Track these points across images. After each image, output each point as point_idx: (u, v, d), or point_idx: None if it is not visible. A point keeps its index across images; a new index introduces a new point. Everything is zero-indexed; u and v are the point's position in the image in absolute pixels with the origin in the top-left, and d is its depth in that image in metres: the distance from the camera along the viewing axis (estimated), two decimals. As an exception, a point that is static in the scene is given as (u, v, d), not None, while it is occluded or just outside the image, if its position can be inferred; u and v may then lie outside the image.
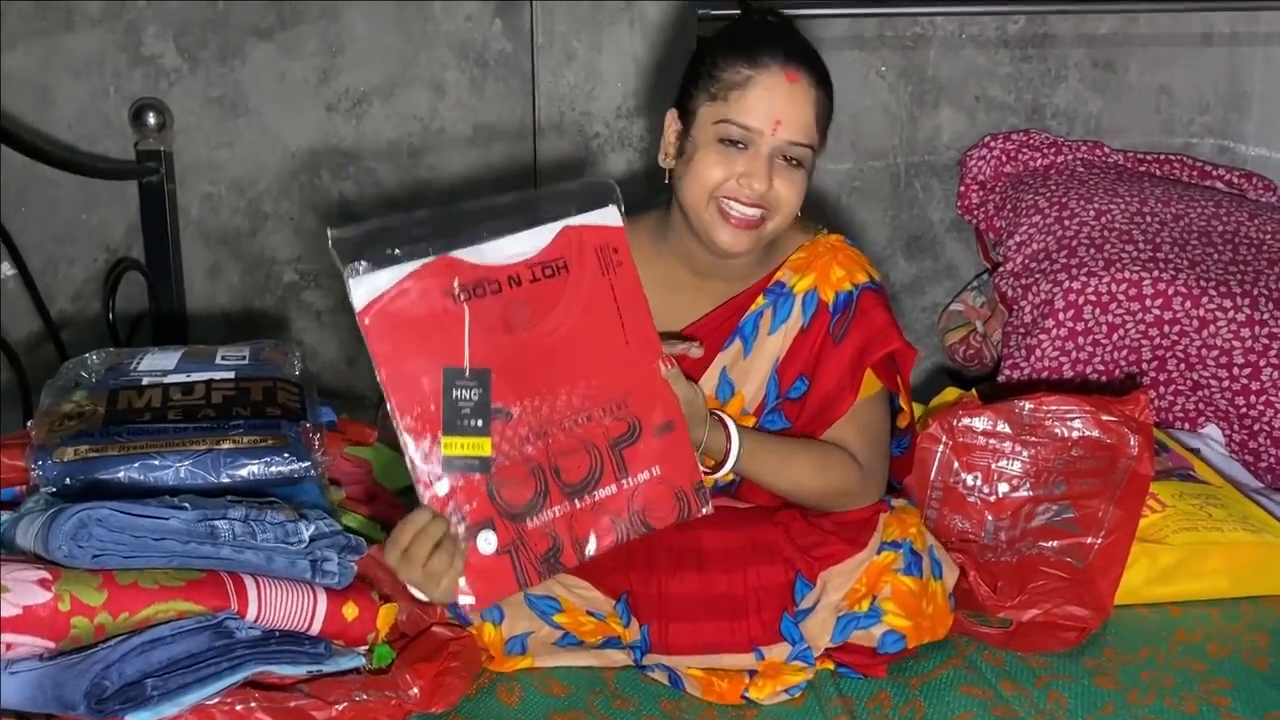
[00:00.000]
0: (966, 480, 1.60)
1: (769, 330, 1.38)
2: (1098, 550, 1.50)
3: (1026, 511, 1.57)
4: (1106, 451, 1.57)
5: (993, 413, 1.62)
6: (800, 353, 1.38)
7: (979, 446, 1.60)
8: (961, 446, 1.60)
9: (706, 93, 1.28)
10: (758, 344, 1.38)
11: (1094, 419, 1.59)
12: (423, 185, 2.30)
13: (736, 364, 1.38)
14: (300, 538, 1.19)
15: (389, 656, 1.23)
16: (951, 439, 1.61)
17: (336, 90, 2.26)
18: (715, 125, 1.27)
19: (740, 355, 1.38)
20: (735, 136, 1.27)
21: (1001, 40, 2.23)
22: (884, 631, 1.33)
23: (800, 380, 1.38)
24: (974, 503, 1.59)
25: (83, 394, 1.47)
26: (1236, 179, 2.20)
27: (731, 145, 1.27)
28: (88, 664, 1.04)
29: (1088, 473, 1.56)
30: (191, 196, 2.29)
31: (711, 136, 1.28)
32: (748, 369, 1.38)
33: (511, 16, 2.22)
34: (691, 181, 1.30)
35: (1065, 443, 1.60)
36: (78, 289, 2.32)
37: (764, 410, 1.39)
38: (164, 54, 2.24)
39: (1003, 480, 1.59)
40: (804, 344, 1.38)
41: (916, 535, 1.37)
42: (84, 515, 1.09)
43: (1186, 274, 1.91)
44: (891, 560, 1.35)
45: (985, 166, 2.21)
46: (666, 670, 1.31)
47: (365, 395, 2.38)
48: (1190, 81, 2.25)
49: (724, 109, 1.27)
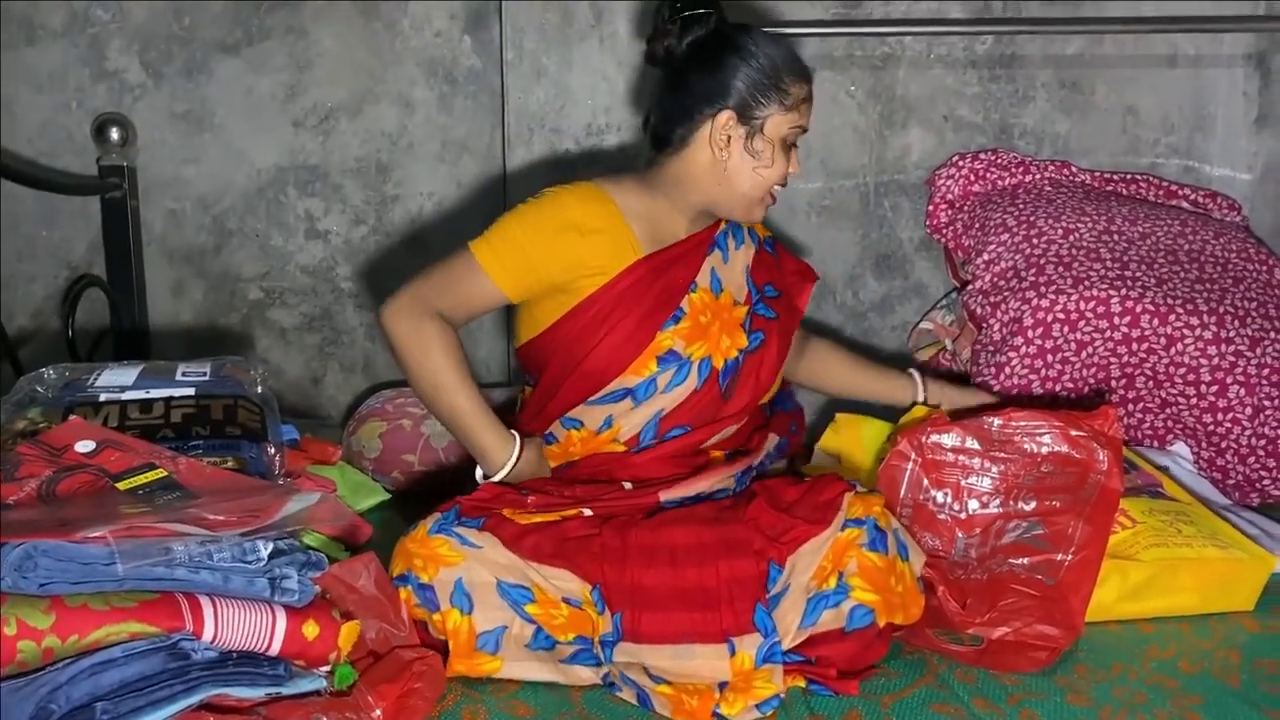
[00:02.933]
0: (936, 497, 1.59)
1: (735, 246, 1.69)
2: (1068, 567, 1.49)
3: (997, 528, 1.56)
4: (1076, 467, 1.57)
5: (961, 429, 1.61)
6: (761, 266, 1.71)
7: (948, 463, 1.60)
8: (931, 463, 1.60)
9: (780, 105, 1.55)
10: (730, 254, 1.68)
11: (1063, 434, 1.59)
12: (391, 201, 2.28)
13: (720, 267, 1.66)
14: (259, 555, 1.16)
15: (351, 677, 1.20)
16: (921, 456, 1.60)
17: (304, 106, 2.24)
18: (789, 130, 1.57)
19: (721, 261, 1.66)
20: (794, 139, 1.59)
21: (970, 60, 2.24)
22: (852, 606, 1.34)
23: (769, 286, 1.70)
24: (944, 519, 1.58)
25: (38, 410, 1.45)
26: (1201, 199, 2.22)
27: (789, 146, 1.59)
28: (33, 687, 1.00)
29: (1057, 489, 1.56)
30: (155, 213, 2.26)
31: (782, 140, 1.57)
32: (729, 272, 1.67)
33: (481, 33, 2.22)
34: (763, 178, 1.57)
35: (1035, 458, 1.59)
36: (38, 306, 2.28)
37: (752, 301, 1.67)
38: (128, 69, 2.22)
39: (972, 497, 1.58)
40: (761, 260, 1.71)
41: (880, 514, 1.41)
42: (29, 547, 1.06)
43: (1154, 292, 1.92)
44: (856, 536, 1.37)
45: (954, 185, 2.22)
46: (635, 688, 1.29)
47: (329, 415, 2.35)
48: (1156, 102, 2.27)
49: (795, 118, 1.57)
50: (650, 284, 1.57)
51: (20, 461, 1.26)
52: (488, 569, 1.34)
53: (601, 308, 1.54)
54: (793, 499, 1.44)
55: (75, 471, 1.26)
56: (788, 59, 1.56)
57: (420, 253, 2.29)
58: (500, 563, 1.34)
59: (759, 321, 1.66)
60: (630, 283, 1.55)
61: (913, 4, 2.22)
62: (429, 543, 1.35)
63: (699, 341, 1.59)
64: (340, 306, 2.32)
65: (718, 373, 1.60)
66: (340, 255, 2.30)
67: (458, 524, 1.37)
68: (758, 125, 1.55)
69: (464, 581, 1.33)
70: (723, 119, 1.54)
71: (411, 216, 2.29)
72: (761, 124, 1.55)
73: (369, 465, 1.95)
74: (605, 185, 1.60)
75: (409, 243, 2.29)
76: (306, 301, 2.32)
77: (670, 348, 1.57)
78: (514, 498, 1.46)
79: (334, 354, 2.34)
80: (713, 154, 1.56)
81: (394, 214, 2.29)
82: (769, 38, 1.58)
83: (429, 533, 1.36)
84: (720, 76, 1.55)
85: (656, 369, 1.57)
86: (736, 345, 1.62)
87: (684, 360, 1.58)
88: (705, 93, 1.55)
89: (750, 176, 1.57)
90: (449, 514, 1.39)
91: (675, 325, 1.58)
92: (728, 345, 1.61)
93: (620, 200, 1.58)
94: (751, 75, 1.54)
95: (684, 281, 1.60)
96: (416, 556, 1.34)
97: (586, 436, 1.59)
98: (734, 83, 1.54)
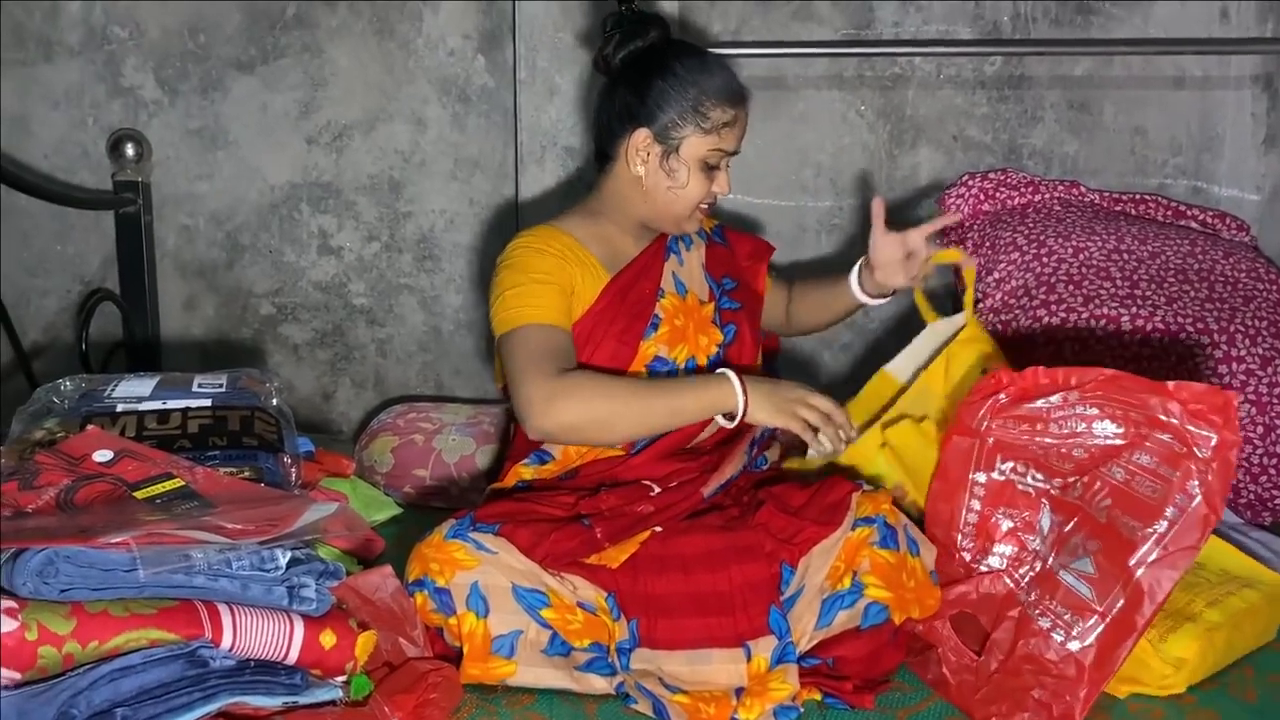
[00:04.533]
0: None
1: (686, 248, 1.72)
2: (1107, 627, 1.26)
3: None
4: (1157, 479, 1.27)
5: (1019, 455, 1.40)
6: (714, 260, 1.74)
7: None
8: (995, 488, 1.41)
9: (697, 127, 1.56)
10: (685, 257, 1.71)
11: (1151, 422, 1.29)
12: (403, 218, 2.29)
13: (680, 270, 1.70)
14: (277, 564, 1.16)
15: (367, 687, 1.20)
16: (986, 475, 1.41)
17: (317, 123, 2.26)
18: (708, 153, 1.58)
19: (678, 264, 1.70)
20: (717, 161, 1.59)
21: (979, 81, 2.26)
22: (866, 604, 1.34)
23: (726, 278, 1.73)
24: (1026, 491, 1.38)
25: (55, 421, 1.45)
26: (1210, 219, 2.22)
27: (710, 167, 1.59)
28: (54, 692, 1.00)
29: (1126, 505, 1.28)
30: (168, 228, 2.28)
31: (700, 162, 1.58)
32: (687, 273, 1.70)
33: (494, 52, 2.24)
34: (678, 197, 1.60)
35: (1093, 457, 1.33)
36: (50, 320, 2.29)
37: (715, 296, 1.70)
38: (144, 85, 2.24)
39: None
40: (714, 255, 1.74)
41: (889, 511, 1.41)
42: (50, 553, 1.06)
43: (1164, 310, 1.93)
44: (867, 535, 1.38)
45: (963, 205, 2.22)
46: (651, 699, 1.28)
47: (340, 430, 2.35)
48: (1164, 123, 2.29)
49: (715, 140, 1.58)
50: (621, 301, 1.60)
51: (39, 470, 1.27)
52: (503, 573, 1.33)
53: (583, 331, 1.57)
54: (800, 502, 1.45)
55: (93, 480, 1.26)
56: (715, 83, 1.56)
57: (432, 270, 2.30)
58: (516, 567, 1.34)
59: (727, 315, 1.69)
60: (604, 304, 1.59)
61: (922, 25, 2.23)
62: (445, 547, 1.35)
63: (680, 344, 1.62)
64: (352, 322, 2.33)
65: (703, 370, 1.63)
66: (353, 271, 2.31)
67: (474, 529, 1.36)
68: (674, 145, 1.57)
69: (480, 585, 1.32)
70: (639, 137, 1.57)
71: (424, 234, 2.30)
72: (678, 145, 1.57)
73: (381, 480, 1.95)
74: (556, 225, 1.64)
75: (421, 260, 2.30)
76: (319, 317, 2.33)
77: (656, 354, 1.60)
78: (540, 509, 1.43)
79: (345, 369, 2.35)
80: (631, 171, 1.59)
81: (406, 231, 2.30)
82: (702, 60, 1.59)
83: (445, 537, 1.36)
84: (642, 94, 1.57)
85: (647, 376, 1.59)
86: (714, 341, 1.65)
87: (670, 364, 1.61)
88: (627, 109, 1.58)
89: (667, 195, 1.59)
90: (465, 519, 1.38)
91: (655, 333, 1.61)
92: (706, 343, 1.65)
93: (575, 233, 1.62)
94: (670, 96, 1.56)
95: (651, 291, 1.63)
96: (433, 561, 1.34)
97: (585, 449, 1.58)
98: (653, 102, 1.56)
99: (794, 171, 2.29)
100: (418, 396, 2.33)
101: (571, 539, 1.38)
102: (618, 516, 1.43)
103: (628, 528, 1.42)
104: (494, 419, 2.02)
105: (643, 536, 1.42)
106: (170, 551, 1.11)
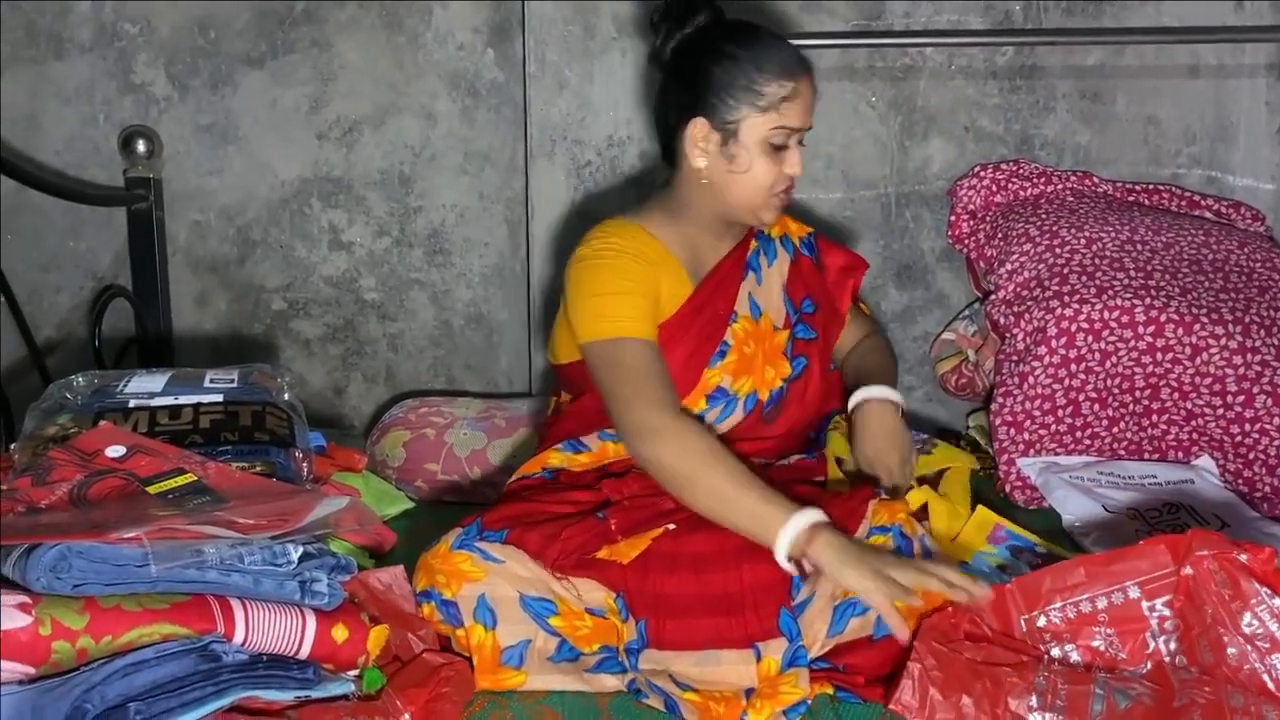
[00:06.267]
0: None
1: (767, 264, 1.65)
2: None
3: None
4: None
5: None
6: (797, 279, 1.67)
7: None
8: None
9: (753, 106, 1.48)
10: (764, 274, 1.64)
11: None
12: (414, 213, 2.29)
13: (757, 290, 1.63)
14: (289, 559, 1.16)
15: (379, 681, 1.20)
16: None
17: (327, 118, 2.26)
18: (769, 132, 1.49)
19: (755, 284, 1.62)
20: (782, 140, 1.50)
21: (990, 71, 2.24)
22: (879, 614, 1.31)
23: (807, 300, 1.66)
24: None
25: (68, 417, 1.46)
26: (1225, 209, 2.21)
27: (776, 148, 1.50)
28: (68, 687, 1.01)
29: None
30: (180, 224, 2.28)
31: (763, 143, 1.49)
32: (765, 294, 1.63)
33: (503, 46, 2.23)
34: (747, 183, 1.51)
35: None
36: (63, 317, 2.30)
37: (791, 323, 1.64)
38: (154, 81, 2.24)
39: None
40: (797, 272, 1.67)
41: (905, 521, 1.39)
42: (63, 548, 1.06)
43: (1178, 301, 1.91)
44: (883, 543, 1.36)
45: (975, 196, 2.22)
46: (662, 695, 1.28)
47: (352, 424, 2.36)
48: (1177, 113, 2.27)
49: (775, 118, 1.48)
50: (694, 318, 1.55)
51: (52, 466, 1.27)
52: (510, 583, 1.32)
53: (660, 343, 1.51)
54: None
55: (106, 476, 1.26)
56: (767, 56, 1.47)
57: (443, 265, 2.30)
58: (523, 575, 1.33)
59: (800, 346, 1.63)
60: (680, 319, 1.53)
61: (933, 15, 2.22)
62: (451, 559, 1.33)
63: (745, 376, 1.57)
64: (363, 317, 2.33)
65: (762, 404, 1.59)
66: (363, 266, 2.31)
67: (480, 539, 1.35)
68: (732, 129, 1.49)
69: (487, 597, 1.31)
70: (695, 127, 1.50)
71: (434, 228, 2.30)
72: (736, 128, 1.49)
73: (393, 474, 1.95)
74: (640, 223, 1.56)
75: (432, 255, 2.30)
76: (330, 312, 2.33)
77: (718, 385, 1.55)
78: (551, 508, 1.42)
79: (357, 364, 2.35)
80: (694, 164, 1.52)
81: (417, 225, 2.30)
82: (752, 34, 1.50)
83: (451, 549, 1.34)
84: (693, 82, 1.50)
85: (705, 406, 1.55)
86: (780, 375, 1.60)
87: (731, 396, 1.57)
88: (681, 101, 1.51)
89: (732, 183, 1.51)
90: (471, 528, 1.36)
91: (722, 361, 1.55)
92: (772, 376, 1.60)
93: (659, 234, 1.56)
94: (720, 78, 1.47)
95: (725, 313, 1.57)
96: (439, 573, 1.33)
97: (623, 450, 1.54)
98: (704, 87, 1.48)
99: (805, 164, 2.28)
100: (429, 391, 2.33)
101: (584, 533, 1.37)
102: (636, 508, 1.42)
103: (644, 521, 1.40)
104: (506, 414, 2.02)
105: (655, 532, 1.40)
106: (182, 547, 1.11)
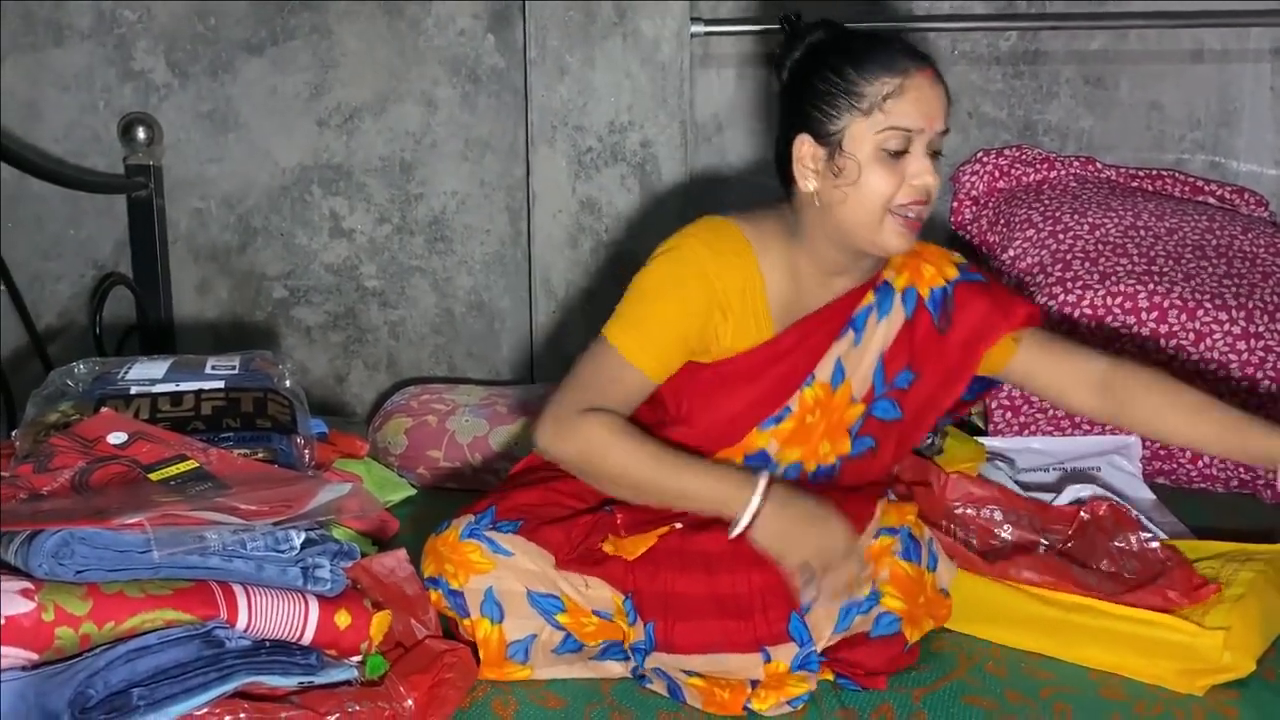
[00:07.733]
0: None
1: (876, 322, 1.43)
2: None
3: None
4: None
5: None
6: (904, 344, 1.43)
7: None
8: None
9: (854, 110, 1.29)
10: (866, 335, 1.42)
11: None
12: (415, 200, 2.29)
13: (849, 353, 1.42)
14: (291, 545, 1.16)
15: (382, 667, 1.20)
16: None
17: (328, 105, 2.25)
18: (877, 136, 1.29)
19: (852, 345, 1.42)
20: (898, 145, 1.29)
21: (994, 57, 2.24)
22: (880, 613, 1.31)
23: (906, 371, 1.43)
24: None
25: (69, 404, 1.45)
26: (1228, 194, 2.20)
27: (892, 155, 1.30)
28: (71, 673, 1.01)
29: None
30: (180, 211, 2.28)
31: (873, 151, 1.30)
32: (858, 359, 1.42)
33: (504, 32, 2.22)
34: (861, 200, 1.31)
35: None
36: (64, 305, 2.30)
37: (873, 398, 1.43)
38: (154, 69, 2.23)
39: None
40: (908, 336, 1.43)
41: (914, 523, 1.37)
42: (66, 534, 1.06)
43: (1182, 287, 1.91)
44: (889, 544, 1.34)
45: (978, 181, 2.21)
46: (666, 680, 1.28)
47: (354, 411, 2.36)
48: (1181, 98, 2.26)
49: (883, 119, 1.29)
50: (764, 370, 1.38)
51: (53, 453, 1.27)
52: (519, 578, 1.30)
53: (709, 382, 1.38)
54: None
55: (108, 463, 1.26)
56: (863, 53, 1.30)
57: (444, 252, 2.30)
58: (531, 570, 1.31)
59: (872, 425, 1.43)
60: (749, 366, 1.38)
61: (936, 1, 2.21)
62: (460, 548, 1.31)
63: (795, 446, 1.41)
64: (364, 305, 2.33)
65: (806, 475, 1.43)
66: (364, 254, 2.31)
67: (491, 528, 1.32)
68: (836, 141, 1.31)
69: (495, 591, 1.29)
70: (800, 145, 1.33)
71: (435, 215, 2.29)
72: (840, 138, 1.31)
73: (394, 461, 1.95)
74: (753, 238, 1.37)
75: (433, 242, 2.30)
76: (331, 300, 2.33)
77: (762, 448, 1.40)
78: (564, 500, 1.38)
79: (358, 352, 2.35)
80: (805, 189, 1.34)
81: (418, 212, 2.29)
82: (854, 37, 1.35)
83: (460, 537, 1.31)
84: (796, 99, 1.34)
85: (740, 463, 1.41)
86: (837, 451, 1.43)
87: (773, 464, 1.41)
88: (787, 121, 1.36)
89: (857, 203, 1.31)
90: (484, 516, 1.33)
91: (776, 425, 1.40)
92: (826, 451, 1.42)
93: (763, 259, 1.37)
94: (819, 88, 1.31)
95: (800, 375, 1.39)
96: (448, 561, 1.31)
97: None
98: (805, 102, 1.32)
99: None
100: (431, 378, 2.33)
101: (591, 525, 1.36)
102: (643, 505, 1.38)
103: (650, 521, 1.36)
104: (508, 400, 2.01)
105: (662, 530, 1.36)
106: (185, 533, 1.11)
